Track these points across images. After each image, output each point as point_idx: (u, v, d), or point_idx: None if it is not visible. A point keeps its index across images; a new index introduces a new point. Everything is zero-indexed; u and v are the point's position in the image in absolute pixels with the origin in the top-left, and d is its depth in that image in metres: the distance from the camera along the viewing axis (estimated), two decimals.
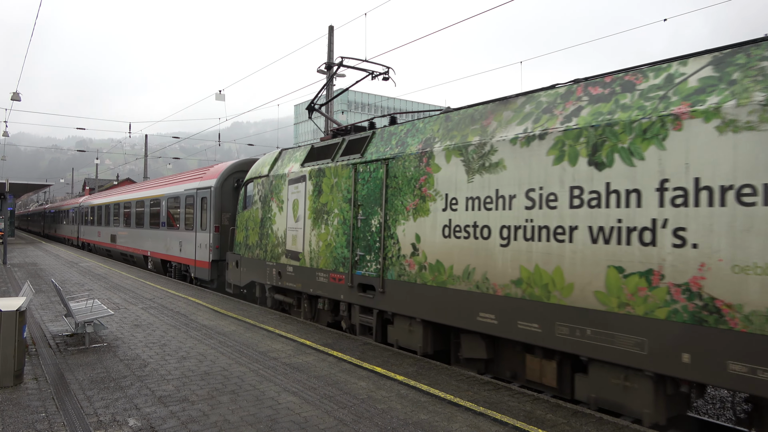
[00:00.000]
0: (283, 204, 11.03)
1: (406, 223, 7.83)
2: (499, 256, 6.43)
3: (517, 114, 6.55)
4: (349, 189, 8.98)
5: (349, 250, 8.91)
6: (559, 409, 5.62)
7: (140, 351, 7.88)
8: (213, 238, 14.98)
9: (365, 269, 8.57)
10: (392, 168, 8.14)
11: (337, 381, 6.54)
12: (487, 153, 6.70)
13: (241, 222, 12.94)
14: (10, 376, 6.17)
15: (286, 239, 10.78)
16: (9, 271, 19.07)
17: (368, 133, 9.13)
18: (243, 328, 9.69)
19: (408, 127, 8.28)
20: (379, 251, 8.30)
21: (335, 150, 9.70)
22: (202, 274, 15.62)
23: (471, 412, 5.52)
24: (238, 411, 5.47)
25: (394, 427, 5.10)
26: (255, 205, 12.21)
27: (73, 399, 5.76)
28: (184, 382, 6.42)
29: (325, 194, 9.66)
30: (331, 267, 9.37)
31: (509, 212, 6.36)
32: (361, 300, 8.72)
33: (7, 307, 6.29)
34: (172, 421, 5.18)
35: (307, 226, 10.09)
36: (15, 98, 23.37)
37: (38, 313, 10.80)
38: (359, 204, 8.76)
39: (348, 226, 8.96)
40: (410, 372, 6.95)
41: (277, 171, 11.46)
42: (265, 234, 11.64)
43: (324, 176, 9.71)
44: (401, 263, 7.88)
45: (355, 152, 9.07)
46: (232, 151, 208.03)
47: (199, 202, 16.01)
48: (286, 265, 10.74)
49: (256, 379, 6.56)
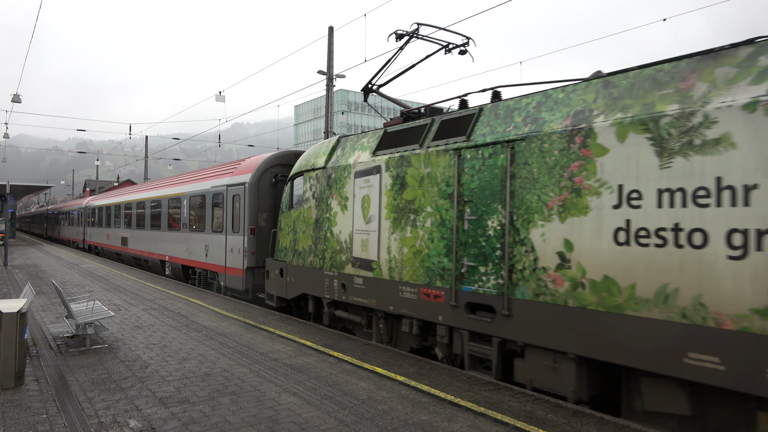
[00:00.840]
0: (347, 201, 9.19)
1: (546, 224, 5.97)
2: (727, 272, 4.61)
3: (746, 70, 4.78)
4: (449, 181, 7.21)
5: (450, 260, 7.13)
6: (559, 409, 5.62)
7: (141, 352, 7.89)
8: (248, 241, 13.09)
9: (478, 284, 6.75)
10: (521, 152, 6.31)
11: (338, 382, 6.54)
12: (697, 126, 4.88)
13: (286, 223, 11.16)
14: (11, 377, 6.18)
15: (352, 244, 8.97)
16: (10, 272, 19.09)
17: (473, 110, 7.30)
18: (244, 329, 9.70)
19: (539, 98, 6.45)
20: (500, 262, 6.49)
21: (423, 133, 7.90)
22: (234, 283, 13.71)
23: (472, 412, 5.52)
24: (239, 412, 5.48)
25: (394, 427, 5.10)
26: (306, 203, 10.43)
27: (74, 400, 5.76)
28: (184, 383, 6.43)
29: (410, 188, 7.86)
30: (422, 280, 7.58)
31: (744, 210, 4.56)
32: (471, 324, 6.88)
33: (8, 309, 6.30)
34: (173, 422, 5.18)
35: (384, 228, 8.29)
36: (15, 100, 23.41)
37: (39, 315, 10.81)
38: (466, 200, 6.97)
39: (448, 228, 7.19)
40: (411, 372, 6.95)
41: (338, 162, 9.58)
42: (321, 238, 9.83)
43: (408, 166, 7.91)
44: (539, 278, 6.01)
45: (457, 134, 7.27)
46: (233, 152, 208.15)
47: (230, 201, 14.11)
48: (353, 276, 8.93)
49: (256, 380, 6.56)
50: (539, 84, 6.92)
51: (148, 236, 20.92)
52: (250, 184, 13.17)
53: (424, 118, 8.27)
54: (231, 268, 13.91)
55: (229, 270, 14.00)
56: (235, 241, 13.69)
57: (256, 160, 13.84)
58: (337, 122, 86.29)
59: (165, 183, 21.01)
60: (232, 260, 13.86)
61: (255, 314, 11.23)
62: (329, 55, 20.52)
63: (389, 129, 8.77)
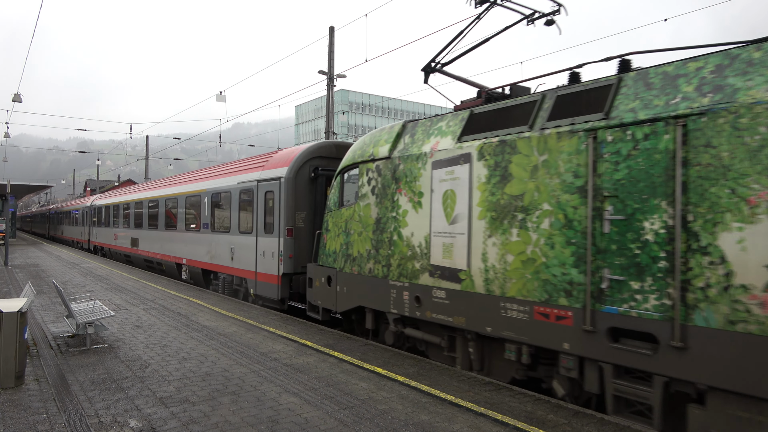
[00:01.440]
0: (421, 198, 7.77)
1: (747, 228, 4.55)
2: None
3: None
4: (579, 171, 5.74)
5: (581, 271, 5.66)
6: (560, 410, 5.62)
7: (141, 352, 7.89)
8: (285, 244, 11.50)
9: (627, 304, 5.29)
10: (698, 131, 4.92)
11: (338, 382, 6.54)
12: None
13: (335, 224, 9.63)
14: (11, 377, 6.18)
15: (429, 250, 7.55)
16: (10, 272, 19.10)
17: (611, 80, 5.83)
18: (244, 329, 9.70)
19: (717, 60, 5.05)
20: (666, 276, 5.02)
21: (533, 112, 6.47)
22: (266, 291, 12.19)
23: (472, 412, 5.52)
24: (239, 412, 5.48)
25: (395, 427, 5.10)
26: (363, 200, 8.92)
27: (75, 400, 5.76)
28: (185, 383, 6.43)
29: (517, 181, 6.41)
30: (536, 296, 6.09)
31: None
32: (618, 356, 5.35)
33: (8, 308, 6.30)
34: (173, 422, 5.18)
35: (477, 230, 6.83)
36: (16, 99, 23.45)
37: (39, 314, 10.81)
38: (606, 194, 5.51)
39: (577, 231, 5.71)
40: (411, 373, 6.95)
41: (407, 150, 8.15)
42: (385, 241, 8.37)
43: (513, 153, 6.47)
44: (736, 300, 4.61)
45: (588, 111, 5.84)
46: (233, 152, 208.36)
47: (262, 198, 12.53)
48: (430, 287, 7.48)
49: (257, 380, 6.56)
50: (683, 49, 5.68)
51: (163, 237, 19.36)
52: (287, 178, 11.57)
53: (528, 95, 6.79)
54: (263, 274, 12.37)
55: (261, 276, 12.47)
56: (269, 244, 12.16)
57: (292, 151, 12.32)
58: (337, 122, 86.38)
59: (181, 179, 19.40)
60: (264, 265, 12.34)
61: (255, 314, 11.23)
62: (330, 55, 20.54)
63: (477, 110, 7.29)
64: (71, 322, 8.45)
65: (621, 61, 5.96)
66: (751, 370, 4.45)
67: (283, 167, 11.85)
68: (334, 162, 11.76)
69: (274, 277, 11.85)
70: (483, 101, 7.57)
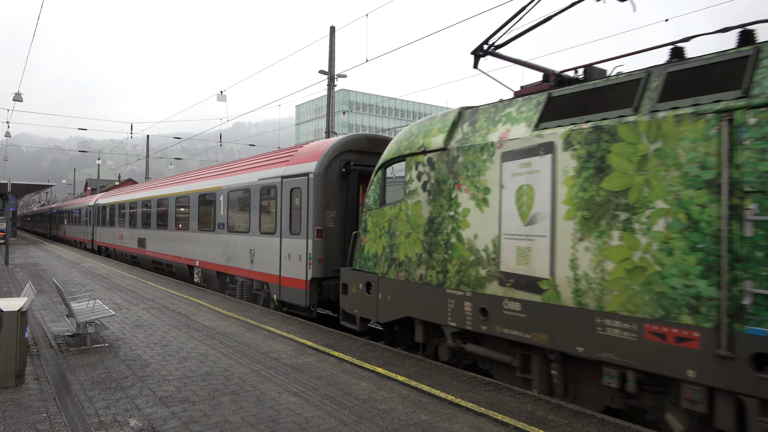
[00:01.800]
0: (488, 194, 6.80)
1: None
2: None
3: None
4: (707, 161, 4.78)
5: (712, 283, 4.69)
6: (560, 410, 5.62)
7: (141, 351, 7.89)
8: (314, 246, 10.54)
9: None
10: None
11: (339, 382, 6.54)
12: None
13: (376, 224, 8.63)
14: (11, 376, 6.18)
15: (499, 254, 6.56)
16: (11, 271, 19.11)
17: (743, 51, 4.84)
18: (244, 328, 9.70)
19: None
20: None
21: (637, 92, 5.47)
22: (292, 297, 11.18)
23: (472, 412, 5.52)
24: (239, 411, 5.48)
25: (395, 427, 5.09)
26: (412, 197, 7.94)
27: (75, 399, 5.76)
28: (185, 382, 6.43)
29: (618, 174, 5.42)
30: (647, 312, 5.09)
31: None
32: (766, 390, 4.37)
33: (8, 308, 6.30)
34: (173, 421, 5.18)
35: (564, 231, 5.86)
36: (17, 99, 23.45)
37: (40, 314, 10.82)
38: (748, 190, 4.54)
39: (706, 234, 4.75)
40: (411, 373, 6.95)
41: (468, 140, 7.16)
42: (440, 244, 7.37)
43: (613, 141, 5.48)
44: None
45: (718, 89, 4.84)
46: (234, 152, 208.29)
47: (287, 196, 11.58)
48: (501, 298, 6.50)
49: (257, 380, 6.56)
50: None
51: (173, 237, 18.27)
52: (317, 174, 10.60)
53: (625, 74, 5.82)
54: (288, 279, 11.39)
55: (286, 281, 11.48)
56: (295, 246, 11.17)
57: (321, 145, 11.28)
58: (338, 122, 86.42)
59: (193, 176, 18.27)
60: (289, 269, 11.35)
61: (256, 314, 11.23)
62: (330, 55, 20.55)
63: (555, 93, 6.36)
64: (71, 322, 8.45)
65: (742, 32, 5.06)
66: None
67: (311, 162, 10.91)
68: (367, 156, 11.02)
69: (301, 282, 10.87)
70: (552, 85, 6.66)
